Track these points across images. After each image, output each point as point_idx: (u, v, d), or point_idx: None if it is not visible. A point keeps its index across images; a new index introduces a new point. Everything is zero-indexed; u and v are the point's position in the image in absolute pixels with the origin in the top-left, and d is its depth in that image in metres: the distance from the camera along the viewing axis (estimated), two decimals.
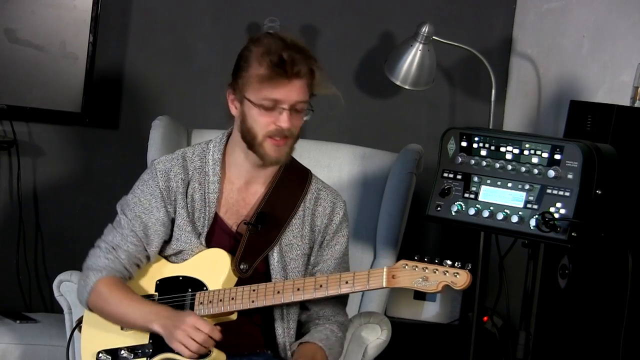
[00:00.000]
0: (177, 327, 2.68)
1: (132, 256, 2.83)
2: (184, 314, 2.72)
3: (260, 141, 2.75)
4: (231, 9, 4.19)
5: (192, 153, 2.88)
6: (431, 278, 2.63)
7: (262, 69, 2.71)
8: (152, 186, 2.85)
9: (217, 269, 2.80)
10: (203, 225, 2.83)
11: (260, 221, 2.81)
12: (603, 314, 3.20)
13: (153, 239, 2.84)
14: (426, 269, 2.63)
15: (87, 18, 3.87)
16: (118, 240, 2.83)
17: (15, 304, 4.02)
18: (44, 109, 3.90)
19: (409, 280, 2.65)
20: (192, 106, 4.18)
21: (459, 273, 2.61)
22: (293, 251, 2.85)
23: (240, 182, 2.87)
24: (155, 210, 2.84)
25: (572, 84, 4.02)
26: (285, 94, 2.72)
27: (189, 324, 2.67)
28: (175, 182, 2.85)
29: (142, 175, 2.90)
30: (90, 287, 2.80)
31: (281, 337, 2.85)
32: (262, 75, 2.71)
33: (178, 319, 2.69)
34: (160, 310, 2.76)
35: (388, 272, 2.66)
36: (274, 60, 2.70)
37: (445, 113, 4.43)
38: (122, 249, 2.82)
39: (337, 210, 2.91)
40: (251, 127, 2.75)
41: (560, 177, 2.94)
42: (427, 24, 3.96)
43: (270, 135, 2.74)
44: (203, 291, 2.78)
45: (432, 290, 2.63)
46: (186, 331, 2.67)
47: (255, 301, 2.74)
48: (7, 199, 4.01)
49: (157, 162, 2.88)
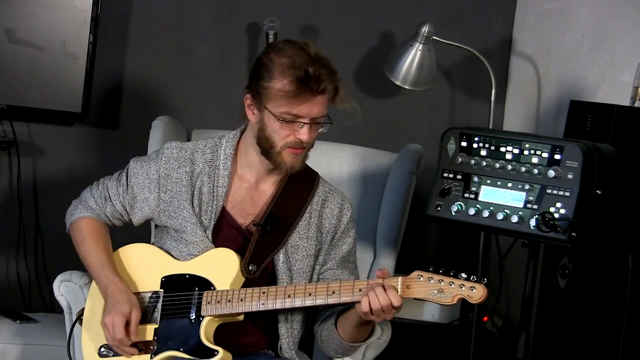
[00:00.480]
0: (108, 313, 2.78)
1: (116, 212, 2.95)
2: (122, 307, 2.78)
3: (278, 150, 2.77)
4: (231, 9, 4.19)
5: (204, 145, 2.91)
6: (447, 291, 2.63)
7: (286, 84, 2.69)
8: (152, 168, 2.90)
9: (225, 269, 2.80)
10: (210, 219, 2.85)
11: (269, 223, 2.82)
12: (603, 314, 3.20)
13: (137, 213, 2.93)
14: (442, 281, 2.63)
15: (87, 18, 3.87)
16: (112, 193, 2.95)
17: (15, 304, 4.02)
18: (44, 109, 3.90)
19: (424, 292, 2.64)
20: (192, 106, 4.18)
21: (475, 287, 2.62)
22: (299, 252, 2.86)
23: (250, 181, 2.88)
24: (147, 190, 2.90)
25: (572, 84, 4.02)
26: (307, 109, 2.72)
27: (109, 321, 2.77)
28: (178, 173, 2.87)
29: (153, 152, 2.97)
30: (74, 217, 2.97)
31: (284, 338, 2.85)
32: (287, 91, 2.70)
33: (113, 307, 2.78)
34: (115, 285, 2.82)
35: (403, 283, 2.66)
36: (299, 75, 2.68)
37: (445, 113, 4.43)
38: (110, 203, 2.94)
39: (345, 211, 2.93)
40: (270, 137, 2.76)
41: (560, 177, 2.94)
42: (427, 24, 3.96)
43: (289, 146, 2.76)
44: (211, 290, 2.78)
45: (448, 303, 2.63)
46: (106, 325, 2.77)
47: (265, 304, 2.74)
48: (7, 199, 4.01)
49: (167, 147, 2.92)
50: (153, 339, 2.81)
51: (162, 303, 2.83)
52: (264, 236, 2.81)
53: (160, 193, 2.88)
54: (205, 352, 2.74)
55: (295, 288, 2.74)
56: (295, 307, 2.75)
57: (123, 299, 2.80)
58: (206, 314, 2.77)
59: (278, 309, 2.76)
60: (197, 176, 2.87)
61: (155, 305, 2.84)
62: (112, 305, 2.79)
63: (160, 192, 2.88)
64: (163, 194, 2.88)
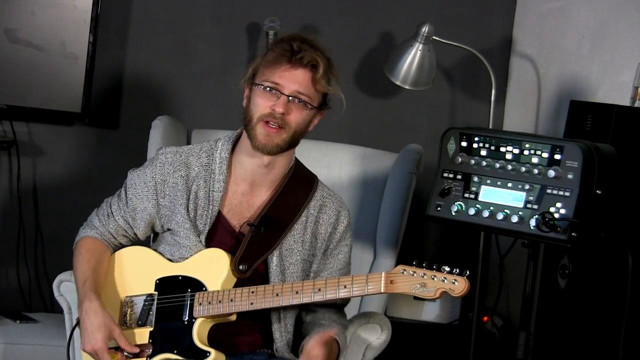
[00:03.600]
0: (87, 341, 2.75)
1: (120, 228, 2.93)
2: (100, 333, 2.74)
3: (254, 124, 2.77)
4: (231, 9, 4.19)
5: (199, 149, 2.90)
6: (429, 284, 2.62)
7: (270, 54, 2.79)
8: (148, 176, 2.89)
9: (216, 269, 2.80)
10: (205, 223, 2.84)
11: (263, 224, 2.81)
12: (603, 314, 3.20)
13: (139, 224, 2.91)
14: (424, 275, 2.63)
15: (87, 18, 3.86)
16: (114, 209, 2.93)
17: (15, 304, 4.02)
18: (44, 109, 3.89)
19: (407, 286, 2.64)
20: (192, 106, 4.18)
21: (457, 280, 2.60)
22: (293, 256, 2.85)
23: (245, 184, 2.87)
24: (146, 199, 2.89)
25: (572, 84, 4.02)
26: (287, 80, 2.75)
27: (90, 350, 2.75)
28: (174, 178, 2.86)
29: (148, 160, 2.95)
30: (79, 237, 2.95)
31: (278, 339, 2.85)
32: (269, 60, 2.77)
33: (92, 333, 2.74)
34: (90, 302, 2.78)
35: (386, 278, 2.66)
36: (283, 46, 2.77)
37: (445, 113, 4.43)
38: (113, 219, 2.92)
39: (342, 219, 2.92)
40: (250, 110, 2.79)
41: (560, 177, 2.94)
42: (427, 24, 3.96)
43: (265, 119, 2.75)
44: (202, 292, 2.78)
45: (430, 296, 2.62)
46: (89, 353, 2.75)
47: (254, 303, 2.74)
48: (7, 199, 4.01)
49: (161, 152, 2.91)
50: (148, 342, 2.81)
51: (156, 306, 2.83)
52: (256, 237, 2.81)
53: (159, 199, 2.87)
54: (198, 353, 2.74)
55: (283, 286, 2.74)
56: (283, 305, 2.75)
57: (98, 323, 2.76)
58: (198, 315, 2.77)
59: (270, 308, 2.77)
60: (192, 180, 2.86)
61: (150, 308, 2.83)
62: (91, 332, 2.75)
63: (159, 198, 2.88)
64: (162, 199, 2.87)
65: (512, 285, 3.44)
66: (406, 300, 4.06)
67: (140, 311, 2.83)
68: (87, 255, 2.88)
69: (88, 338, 2.75)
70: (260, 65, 2.80)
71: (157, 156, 2.90)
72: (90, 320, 2.76)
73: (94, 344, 2.74)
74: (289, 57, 2.76)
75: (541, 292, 3.12)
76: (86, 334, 2.75)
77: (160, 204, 2.87)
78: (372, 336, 3.07)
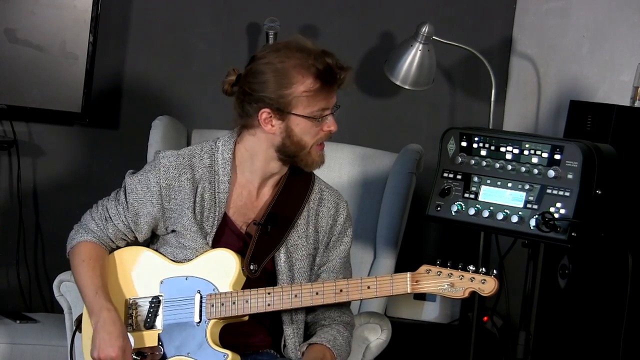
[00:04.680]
0: (103, 348, 2.72)
1: (119, 232, 2.87)
2: (118, 341, 2.72)
3: (308, 150, 2.77)
4: (231, 9, 4.19)
5: (200, 150, 2.87)
6: (457, 284, 2.63)
7: (311, 83, 2.72)
8: (152, 180, 2.84)
9: (225, 269, 2.78)
10: (212, 225, 2.82)
11: (270, 222, 2.81)
12: (603, 314, 3.20)
13: (142, 228, 2.86)
14: (452, 275, 2.64)
15: (87, 18, 3.86)
16: (112, 213, 2.87)
17: (15, 304, 4.02)
18: (44, 109, 3.89)
19: (434, 286, 2.65)
20: (192, 106, 4.18)
21: (486, 280, 2.62)
22: (299, 252, 2.85)
23: (251, 186, 2.86)
24: (149, 204, 2.84)
25: (572, 84, 4.02)
26: (332, 99, 2.77)
27: (106, 357, 2.71)
28: (179, 181, 2.83)
29: (147, 164, 2.90)
30: (75, 242, 2.88)
31: (290, 339, 2.84)
32: (314, 89, 2.72)
33: (109, 340, 2.72)
34: (109, 312, 2.76)
35: (412, 278, 2.66)
36: (321, 69, 2.71)
37: (445, 113, 4.43)
38: (112, 223, 2.87)
39: (341, 210, 2.92)
40: (300, 140, 2.76)
41: (560, 177, 2.94)
42: (427, 24, 3.96)
43: (318, 143, 2.77)
44: (214, 293, 2.77)
45: (459, 296, 2.63)
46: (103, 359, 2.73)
47: (271, 304, 2.73)
48: (7, 199, 4.01)
49: (162, 156, 2.86)
50: (158, 344, 2.79)
51: (163, 307, 2.82)
52: (264, 235, 2.80)
53: (164, 203, 2.83)
54: (213, 355, 2.73)
55: (302, 287, 2.73)
56: (302, 307, 2.75)
57: (117, 332, 2.74)
58: (211, 317, 2.75)
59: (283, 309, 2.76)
60: (198, 182, 2.83)
61: (156, 310, 2.81)
62: (109, 339, 2.73)
63: (164, 202, 2.83)
64: (167, 204, 2.83)
65: (512, 285, 3.44)
66: (406, 300, 4.06)
67: (147, 313, 2.81)
68: (92, 262, 2.83)
69: (104, 345, 2.72)
70: (298, 97, 2.71)
71: (159, 160, 2.85)
72: (109, 329, 2.73)
73: (110, 352, 2.71)
74: (334, 77, 2.73)
75: (541, 292, 3.12)
76: (103, 342, 2.72)
77: (165, 208, 2.83)
78: (372, 336, 3.07)
